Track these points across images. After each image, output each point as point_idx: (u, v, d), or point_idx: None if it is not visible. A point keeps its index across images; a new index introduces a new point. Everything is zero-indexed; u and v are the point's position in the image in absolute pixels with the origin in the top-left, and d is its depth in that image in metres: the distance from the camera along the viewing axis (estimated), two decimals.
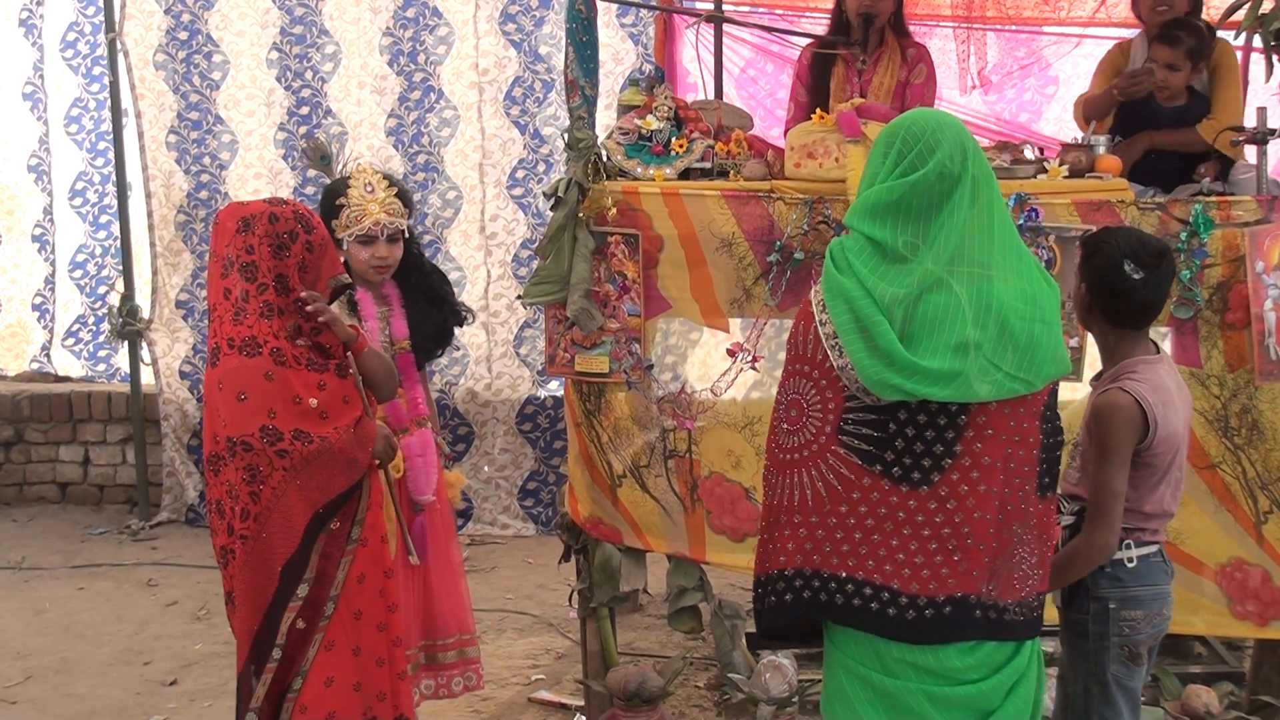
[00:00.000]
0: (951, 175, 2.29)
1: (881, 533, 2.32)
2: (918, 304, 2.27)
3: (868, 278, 2.29)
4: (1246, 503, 3.56)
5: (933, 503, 2.30)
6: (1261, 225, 3.50)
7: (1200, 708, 3.52)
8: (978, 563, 2.32)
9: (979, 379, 2.25)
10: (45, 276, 7.08)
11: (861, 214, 2.35)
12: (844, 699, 2.43)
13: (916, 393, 2.25)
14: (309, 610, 2.96)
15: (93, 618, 5.15)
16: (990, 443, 2.32)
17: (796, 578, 2.38)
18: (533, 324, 6.29)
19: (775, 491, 2.42)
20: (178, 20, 6.25)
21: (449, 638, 3.63)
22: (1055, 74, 6.13)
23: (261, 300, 2.91)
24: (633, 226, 3.61)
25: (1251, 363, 3.50)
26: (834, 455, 2.33)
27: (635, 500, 3.73)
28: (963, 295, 2.26)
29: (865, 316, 2.27)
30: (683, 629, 3.88)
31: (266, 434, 2.85)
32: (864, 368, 2.27)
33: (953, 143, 2.31)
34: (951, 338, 2.25)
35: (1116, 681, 2.96)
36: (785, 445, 2.40)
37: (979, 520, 2.31)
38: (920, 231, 2.29)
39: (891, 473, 2.31)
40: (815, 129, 3.61)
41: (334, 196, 3.43)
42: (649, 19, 6.07)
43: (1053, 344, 2.33)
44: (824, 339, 2.33)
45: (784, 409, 2.41)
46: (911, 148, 2.32)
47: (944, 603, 2.32)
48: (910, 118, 2.40)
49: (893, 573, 2.32)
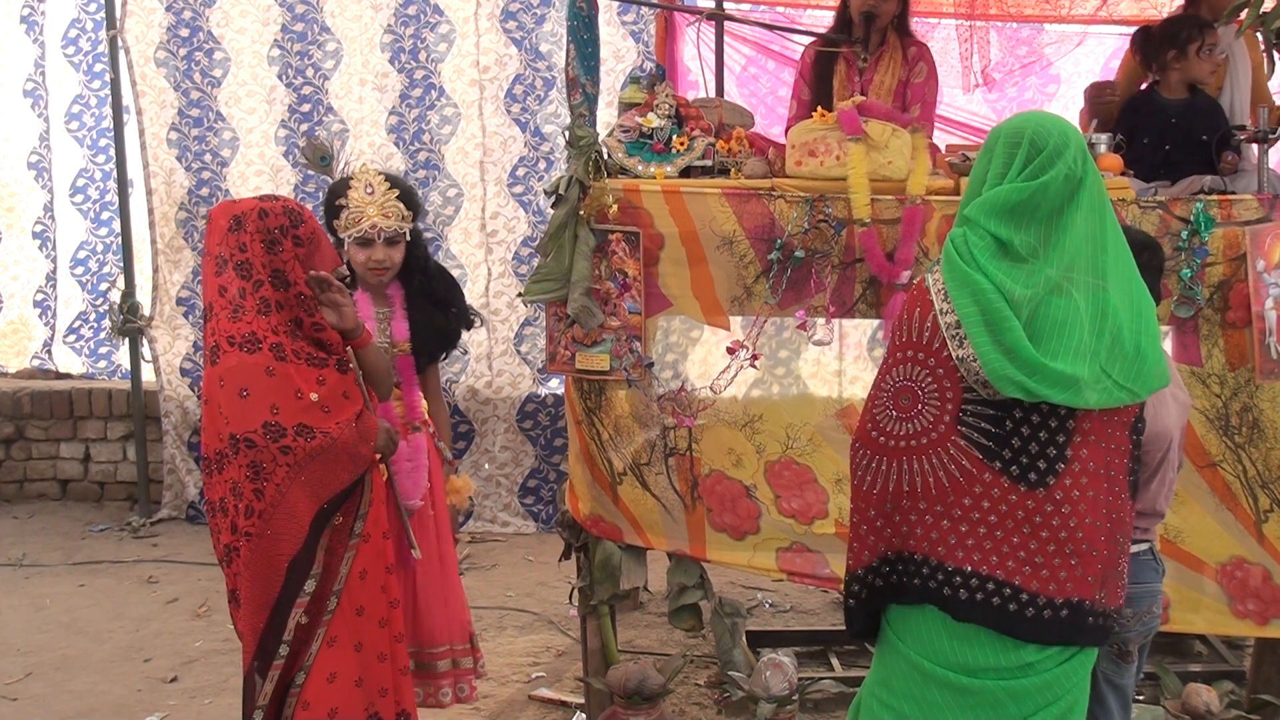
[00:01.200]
0: (1075, 179, 2.31)
1: (1004, 529, 2.32)
2: (1041, 306, 2.28)
3: (995, 273, 2.29)
4: (1247, 501, 3.56)
5: (1049, 505, 2.31)
6: (1262, 224, 3.50)
7: (1201, 706, 3.53)
8: (1092, 569, 2.34)
9: (1091, 387, 2.27)
10: (47, 273, 7.09)
11: (988, 211, 2.34)
12: (918, 699, 2.42)
13: (1038, 392, 2.26)
14: (312, 606, 2.96)
15: (93, 614, 5.15)
16: (1094, 449, 2.34)
17: (924, 565, 2.37)
18: (533, 322, 6.29)
19: (884, 478, 2.39)
20: (179, 17, 6.25)
21: (439, 647, 3.55)
22: (1057, 72, 6.14)
23: (258, 296, 2.90)
24: (634, 224, 3.61)
25: (1252, 361, 3.50)
26: (954, 445, 2.33)
27: (636, 498, 3.73)
28: (1081, 303, 2.28)
29: (994, 311, 2.27)
30: (683, 627, 3.88)
31: (269, 430, 2.85)
32: (989, 361, 2.27)
33: (1078, 147, 2.34)
34: (1072, 342, 2.27)
35: (1106, 679, 2.97)
36: (896, 432, 2.37)
37: (1091, 526, 2.33)
38: (1043, 235, 2.31)
39: (1010, 470, 2.31)
40: (816, 127, 3.61)
41: (335, 197, 3.43)
42: (650, 16, 6.08)
43: (1156, 356, 2.36)
44: (944, 328, 2.32)
45: (891, 395, 2.38)
46: (1040, 149, 2.33)
47: (1061, 605, 2.33)
48: (1035, 119, 2.41)
49: (1015, 569, 2.32)
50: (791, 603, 5.24)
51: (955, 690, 2.38)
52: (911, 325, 2.38)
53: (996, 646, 2.36)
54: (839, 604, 5.17)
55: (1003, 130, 2.43)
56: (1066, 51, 5.97)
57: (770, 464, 3.73)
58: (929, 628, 2.40)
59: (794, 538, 3.73)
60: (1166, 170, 3.94)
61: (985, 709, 2.37)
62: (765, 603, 5.24)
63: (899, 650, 2.46)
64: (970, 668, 2.37)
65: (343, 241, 3.39)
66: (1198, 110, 4.27)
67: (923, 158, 3.58)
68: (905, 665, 2.45)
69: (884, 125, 3.54)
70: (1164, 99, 4.34)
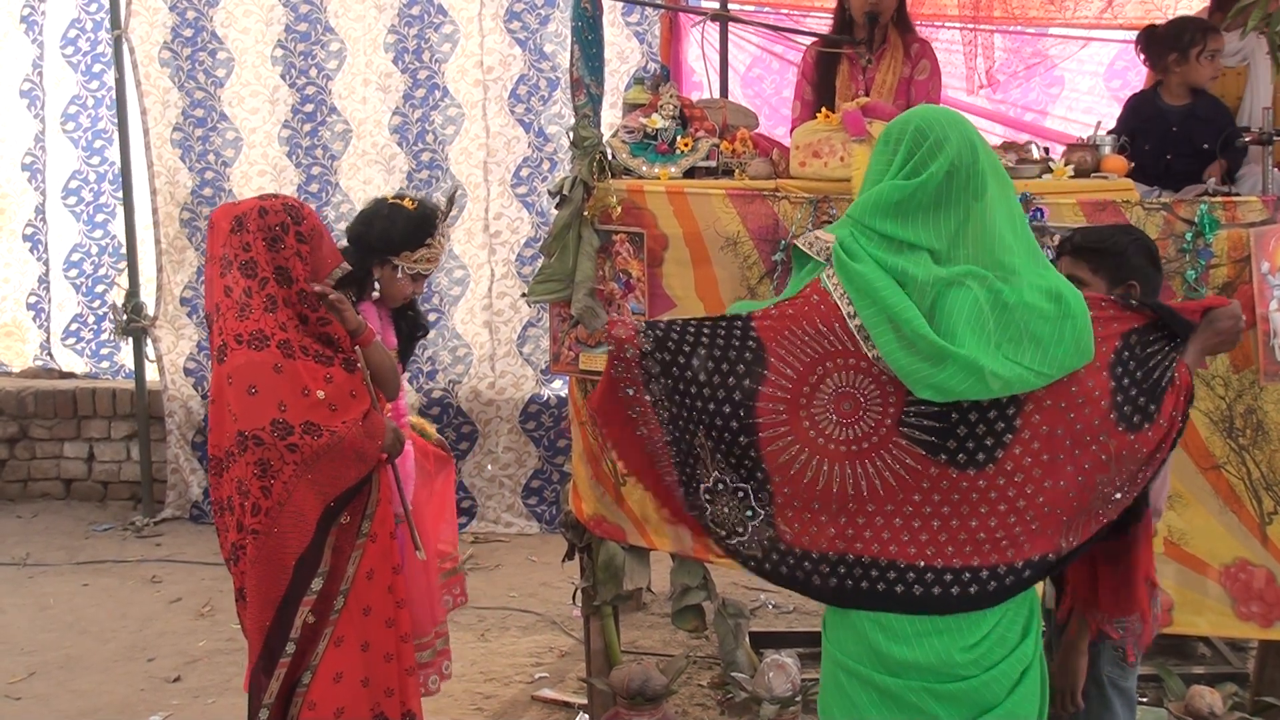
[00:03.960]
0: (961, 173, 2.26)
1: (959, 516, 2.30)
2: (939, 298, 2.24)
3: (891, 260, 2.25)
4: (1251, 503, 3.56)
5: (1000, 478, 2.29)
6: (1267, 226, 3.49)
7: (1204, 708, 3.52)
8: (1055, 525, 2.32)
9: (996, 374, 2.22)
10: (39, 276, 7.02)
11: (871, 210, 2.31)
12: (844, 701, 2.42)
13: (948, 387, 2.22)
14: (319, 605, 2.96)
15: (97, 614, 5.16)
16: (1049, 412, 2.30)
17: (873, 566, 2.34)
18: (536, 323, 6.29)
19: (824, 479, 2.34)
20: (183, 17, 6.25)
21: (425, 636, 3.61)
22: (1060, 74, 6.13)
23: (264, 294, 2.91)
24: (637, 225, 3.61)
25: (1257, 363, 3.50)
26: (897, 447, 2.31)
27: (639, 499, 3.72)
28: (979, 292, 2.23)
29: (892, 305, 2.23)
30: (686, 627, 3.88)
31: (277, 428, 2.85)
32: (896, 360, 2.24)
33: (960, 139, 2.28)
34: (972, 328, 2.22)
35: (1111, 683, 2.96)
36: (837, 437, 2.33)
37: (1051, 489, 2.30)
38: (929, 231, 2.27)
39: (956, 459, 2.29)
40: (820, 128, 3.61)
41: (426, 233, 3.45)
42: (654, 17, 6.08)
43: (1077, 336, 2.27)
44: (854, 330, 2.29)
45: (831, 400, 2.34)
46: (920, 145, 2.28)
47: (1023, 567, 2.32)
48: (916, 114, 2.36)
49: (972, 552, 2.31)
50: (794, 604, 5.23)
51: (878, 691, 2.36)
52: (831, 331, 2.32)
53: (917, 646, 2.33)
54: None
55: (887, 128, 2.39)
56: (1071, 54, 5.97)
57: None
58: (853, 629, 2.39)
59: None
60: (1168, 180, 3.91)
61: (909, 712, 2.35)
62: (768, 604, 5.24)
63: (826, 651, 2.47)
64: (891, 666, 2.35)
65: (397, 267, 3.42)
66: (1200, 117, 4.21)
67: None
68: (831, 665, 2.45)
69: None
70: (1165, 104, 4.29)
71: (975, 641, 2.35)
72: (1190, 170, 4.04)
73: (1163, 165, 4.13)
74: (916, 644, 2.34)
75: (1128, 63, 5.98)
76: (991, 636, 2.36)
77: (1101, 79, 6.13)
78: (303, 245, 2.96)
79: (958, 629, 2.34)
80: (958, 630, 2.34)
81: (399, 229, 3.41)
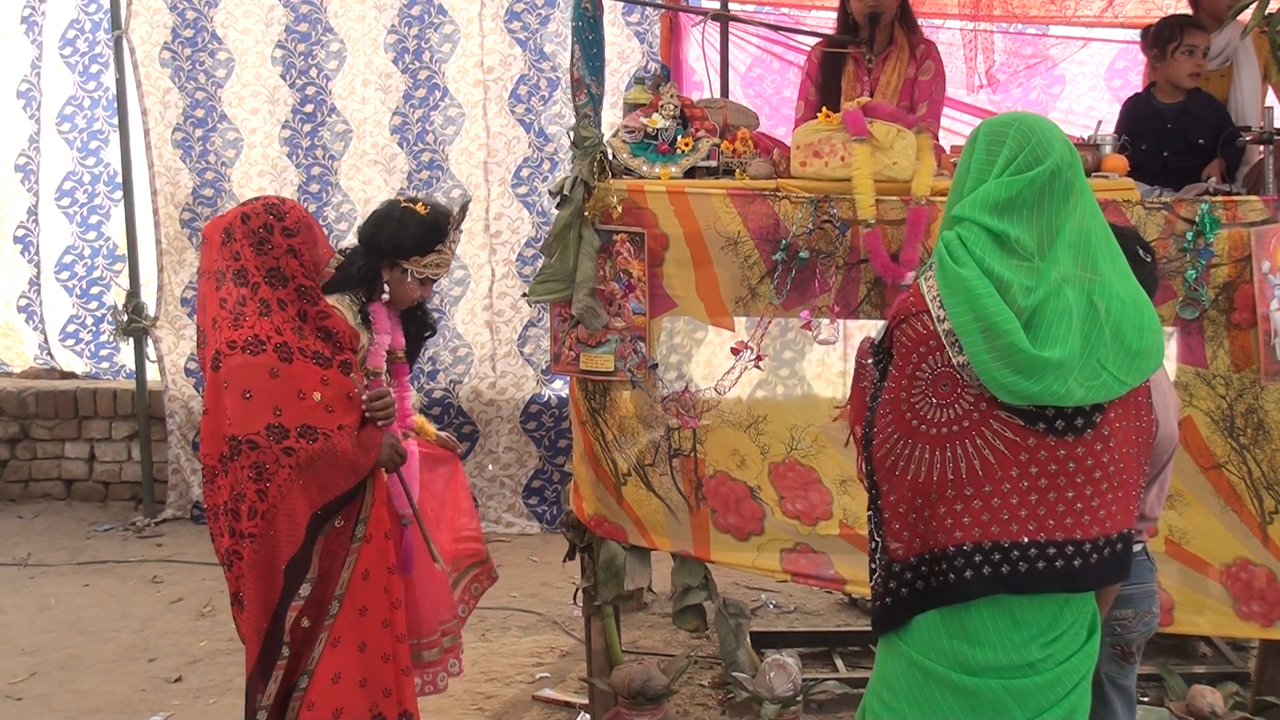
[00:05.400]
0: (1064, 177, 2.30)
1: (1056, 488, 2.30)
2: (1040, 305, 2.26)
3: (994, 265, 2.27)
4: (1252, 503, 3.56)
5: (1098, 444, 2.31)
6: (1268, 225, 3.49)
7: (1205, 708, 3.52)
8: (1131, 496, 2.36)
9: (1081, 383, 2.25)
10: (30, 279, 6.98)
11: (978, 207, 2.32)
12: (920, 701, 2.40)
13: (1036, 397, 2.24)
14: (314, 609, 2.96)
15: (98, 614, 5.16)
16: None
17: (975, 553, 2.32)
18: (537, 323, 6.29)
19: (925, 468, 2.34)
20: (183, 18, 6.26)
21: (432, 634, 3.61)
22: (1061, 74, 6.13)
23: (258, 299, 2.91)
24: (638, 225, 3.61)
25: (1257, 363, 3.50)
26: (997, 420, 2.31)
27: (640, 499, 3.73)
28: (1074, 300, 2.26)
29: (988, 313, 2.24)
30: (687, 627, 3.88)
31: (273, 431, 2.85)
32: (985, 371, 2.26)
33: (1064, 144, 2.33)
34: (1065, 339, 2.24)
35: (1111, 681, 2.97)
36: (937, 419, 2.34)
37: (1128, 455, 2.35)
38: (1035, 231, 2.28)
39: (1055, 426, 2.30)
40: (821, 128, 3.60)
41: (437, 239, 3.42)
42: (655, 17, 6.08)
43: (1151, 346, 2.34)
44: (942, 335, 2.31)
45: (930, 382, 2.35)
46: (1024, 145, 2.31)
47: (1117, 540, 2.34)
48: (1018, 117, 2.39)
49: (1074, 525, 2.31)
50: (796, 604, 5.24)
51: (956, 690, 2.36)
52: (925, 329, 2.35)
53: (997, 645, 2.34)
54: (844, 605, 5.18)
55: (982, 129, 2.41)
56: (1072, 53, 5.97)
57: (774, 465, 3.73)
58: (930, 627, 2.38)
59: (798, 539, 3.73)
60: (1166, 178, 3.92)
61: (987, 710, 2.35)
62: (769, 604, 5.24)
63: (900, 650, 2.45)
64: (971, 667, 2.35)
65: (406, 271, 3.40)
66: (1194, 114, 4.22)
67: (927, 158, 3.58)
68: (906, 665, 2.43)
69: (889, 126, 3.54)
70: (1159, 103, 4.30)
71: (1053, 637, 2.36)
72: (1187, 167, 4.05)
73: (1160, 164, 4.13)
74: (998, 642, 2.34)
75: (1128, 62, 5.99)
76: (1068, 633, 2.37)
77: (1102, 79, 6.14)
78: (292, 238, 2.95)
79: (1037, 624, 2.34)
80: (1037, 624, 2.34)
81: (410, 234, 3.37)
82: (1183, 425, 3.54)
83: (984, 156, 2.37)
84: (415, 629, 3.55)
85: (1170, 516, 3.59)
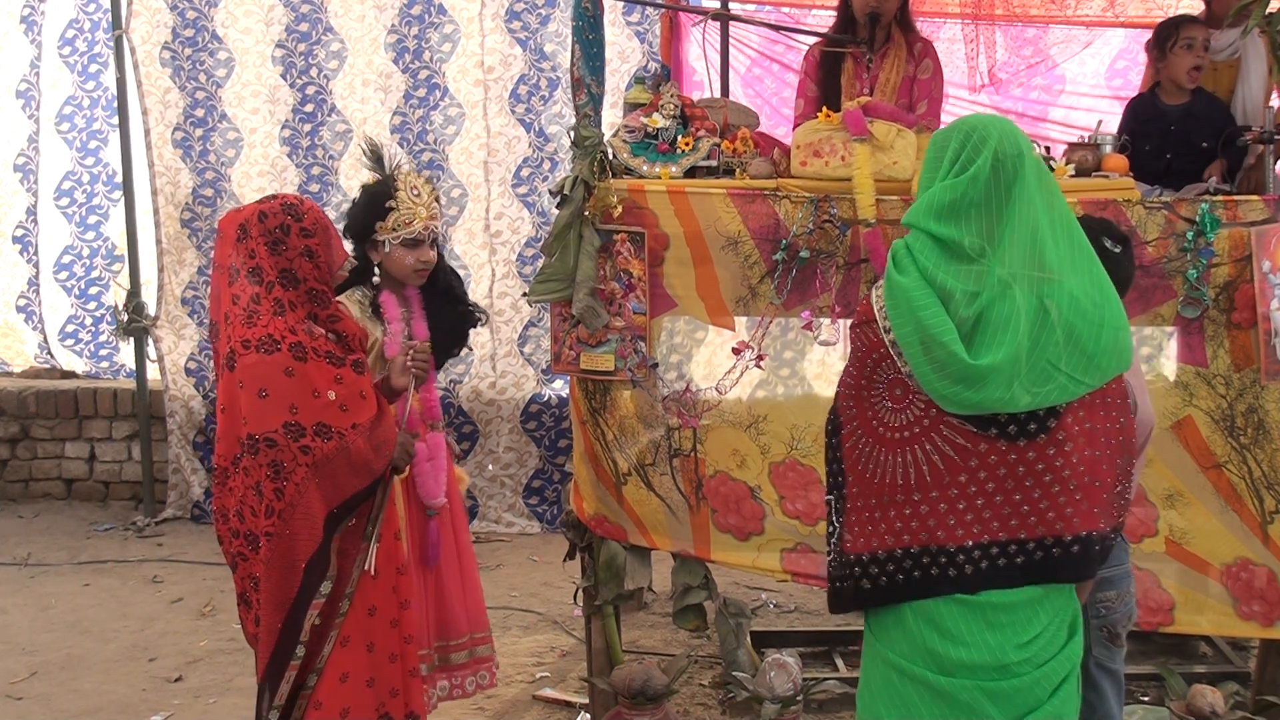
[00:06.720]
0: (1008, 170, 2.29)
1: (1003, 492, 2.31)
2: (986, 309, 2.26)
3: (939, 274, 2.28)
4: (1252, 502, 3.56)
5: (1051, 448, 2.30)
6: (1268, 225, 3.49)
7: (1205, 707, 3.52)
8: (1097, 500, 2.34)
9: (1025, 389, 2.25)
10: (28, 278, 6.99)
11: (924, 213, 2.33)
12: (895, 701, 2.41)
13: (979, 404, 2.25)
14: (325, 607, 2.96)
15: (98, 614, 5.16)
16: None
17: (923, 555, 2.35)
18: (537, 322, 6.29)
19: (881, 470, 2.38)
20: (183, 17, 6.26)
21: (460, 638, 3.61)
22: (1062, 73, 6.13)
23: (271, 299, 2.90)
24: (638, 224, 3.61)
25: (1258, 362, 3.50)
26: (947, 426, 2.32)
27: (640, 498, 3.73)
28: (1021, 302, 2.25)
29: (927, 325, 2.26)
30: (687, 627, 3.88)
31: (290, 430, 2.84)
32: (927, 382, 2.28)
33: (1001, 133, 2.32)
34: (1008, 344, 2.24)
35: (1099, 664, 2.98)
36: (893, 424, 2.36)
37: (1092, 459, 2.33)
38: (985, 231, 2.28)
39: (1007, 431, 2.30)
40: (821, 127, 3.60)
41: (382, 199, 3.39)
42: (655, 17, 6.08)
43: (1119, 342, 2.34)
44: (888, 345, 2.34)
45: (886, 386, 2.38)
46: (965, 144, 2.32)
47: (1071, 542, 2.32)
48: (964, 120, 2.41)
49: (1019, 525, 2.32)
50: (796, 603, 5.24)
51: (931, 690, 2.36)
52: (873, 335, 2.38)
53: (971, 645, 2.34)
54: None
55: (935, 136, 2.43)
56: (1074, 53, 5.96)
57: (775, 465, 3.73)
58: (904, 626, 2.39)
59: (798, 538, 3.73)
60: (1169, 179, 3.92)
61: (962, 711, 2.35)
62: (770, 603, 5.24)
63: (875, 650, 2.46)
64: (945, 666, 2.35)
65: (383, 244, 3.38)
66: (1198, 115, 4.22)
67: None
68: (882, 665, 2.44)
69: (889, 126, 3.54)
70: (1164, 104, 4.31)
71: (1029, 639, 2.35)
72: (1190, 169, 4.04)
73: (1163, 165, 4.13)
74: (972, 642, 2.34)
75: (1129, 62, 5.98)
76: (1044, 635, 2.37)
77: (1103, 78, 6.14)
78: (310, 239, 2.95)
79: (1012, 625, 2.35)
80: (1012, 627, 2.34)
81: (360, 207, 3.42)
82: (1183, 425, 3.56)
83: (932, 162, 2.38)
84: (443, 630, 3.55)
85: (1171, 516, 3.59)
